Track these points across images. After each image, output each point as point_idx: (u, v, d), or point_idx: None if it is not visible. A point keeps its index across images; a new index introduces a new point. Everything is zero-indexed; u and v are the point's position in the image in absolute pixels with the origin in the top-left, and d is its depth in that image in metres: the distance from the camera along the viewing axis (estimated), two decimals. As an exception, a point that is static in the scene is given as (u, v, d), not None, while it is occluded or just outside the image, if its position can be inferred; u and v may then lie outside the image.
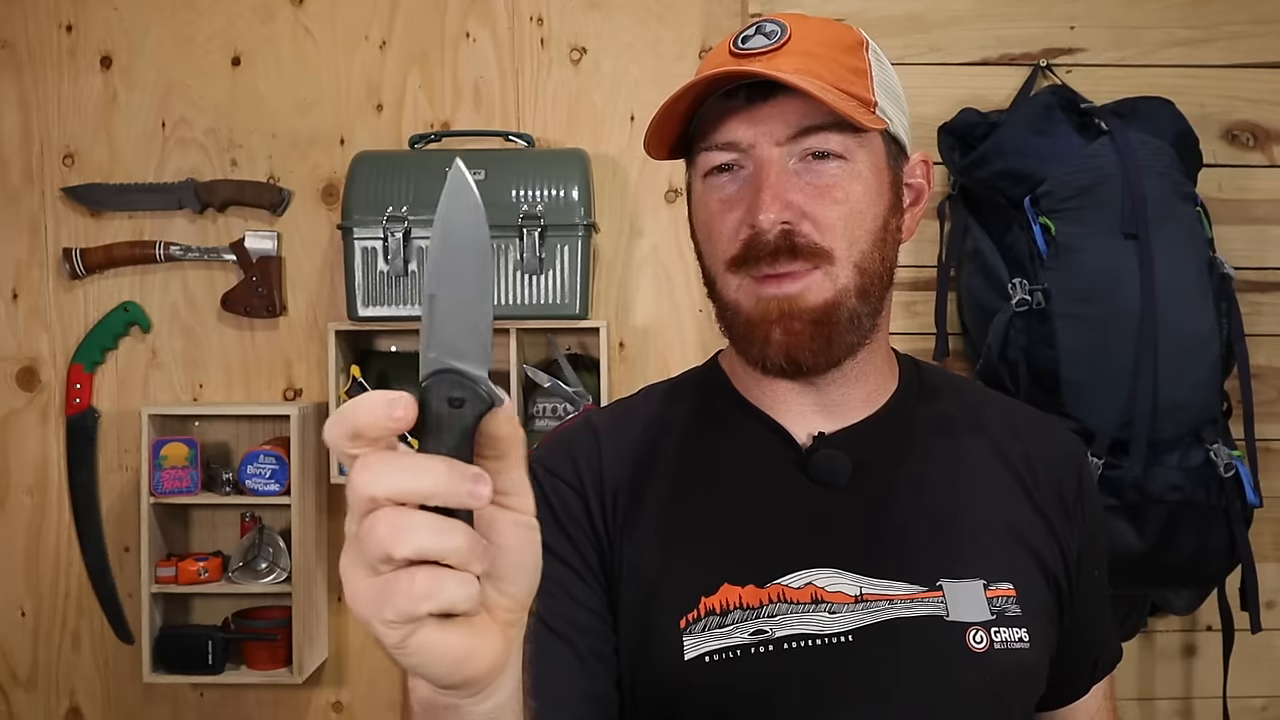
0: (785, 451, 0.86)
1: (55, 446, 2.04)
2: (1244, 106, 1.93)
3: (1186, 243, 1.66)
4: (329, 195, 2.02)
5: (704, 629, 0.79)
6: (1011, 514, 0.86)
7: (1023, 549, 0.85)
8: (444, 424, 0.46)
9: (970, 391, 0.95)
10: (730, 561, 0.81)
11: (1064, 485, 0.89)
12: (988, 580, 0.82)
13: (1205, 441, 1.66)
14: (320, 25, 2.02)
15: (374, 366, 2.00)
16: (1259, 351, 1.88)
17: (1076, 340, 1.64)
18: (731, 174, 0.82)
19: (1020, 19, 1.93)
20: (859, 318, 0.82)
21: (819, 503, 0.83)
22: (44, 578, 2.05)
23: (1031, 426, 0.92)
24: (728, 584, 0.80)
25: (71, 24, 2.02)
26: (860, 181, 0.80)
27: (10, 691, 2.05)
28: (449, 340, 0.47)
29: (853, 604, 0.80)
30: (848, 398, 0.86)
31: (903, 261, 1.63)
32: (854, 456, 0.85)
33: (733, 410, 0.89)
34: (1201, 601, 1.86)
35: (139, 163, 2.02)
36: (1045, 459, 0.89)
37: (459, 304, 0.47)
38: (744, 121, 0.80)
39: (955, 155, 1.83)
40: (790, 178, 0.79)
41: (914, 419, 0.89)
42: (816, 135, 0.79)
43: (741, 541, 0.83)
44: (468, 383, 0.46)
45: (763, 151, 0.79)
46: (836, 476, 0.84)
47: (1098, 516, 0.92)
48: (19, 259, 2.03)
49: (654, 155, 0.85)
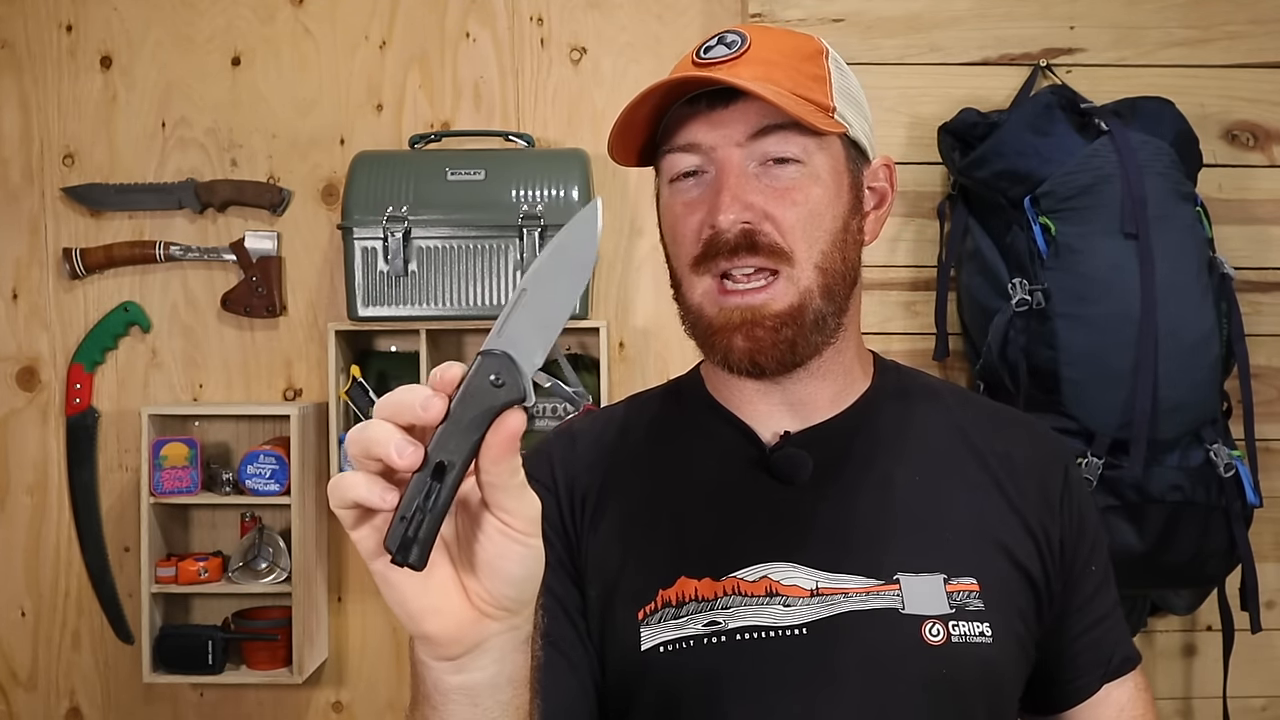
0: (750, 450, 0.88)
1: (55, 446, 2.04)
2: (1244, 106, 1.93)
3: (1186, 243, 1.66)
4: (329, 195, 2.02)
5: (660, 620, 0.82)
6: (983, 512, 0.86)
7: (991, 545, 0.85)
8: (478, 396, 0.51)
9: (951, 395, 0.96)
10: (688, 556, 0.84)
11: (1047, 483, 0.89)
12: (949, 575, 0.82)
13: (1205, 441, 1.66)
14: (320, 25, 2.02)
15: (374, 366, 2.00)
16: (1259, 351, 1.88)
17: (1076, 340, 1.64)
18: (695, 179, 0.84)
19: (1020, 19, 1.93)
20: (824, 318, 0.83)
21: (779, 499, 0.85)
22: (44, 578, 2.05)
23: (1014, 427, 0.93)
24: (684, 577, 0.82)
25: (71, 24, 2.02)
26: (819, 184, 0.83)
27: (10, 691, 2.05)
28: (518, 333, 0.53)
29: (808, 597, 0.81)
30: (814, 396, 0.88)
31: (903, 261, 1.63)
32: (818, 455, 0.86)
33: (702, 411, 0.91)
34: (1201, 601, 1.87)
35: (139, 163, 2.02)
36: (1027, 458, 0.89)
37: (541, 308, 0.53)
38: (705, 125, 0.82)
39: (955, 155, 1.83)
40: (750, 180, 0.82)
41: (883, 417, 0.90)
42: (776, 135, 0.81)
43: (700, 537, 0.85)
44: (515, 372, 0.52)
45: (723, 154, 0.82)
46: (798, 473, 0.85)
47: (1088, 513, 0.91)
48: (19, 259, 2.03)
49: (620, 161, 0.87)
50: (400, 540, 0.50)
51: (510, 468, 0.52)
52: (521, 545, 0.54)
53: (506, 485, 0.52)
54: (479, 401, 0.51)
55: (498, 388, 0.51)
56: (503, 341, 0.52)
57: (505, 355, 0.52)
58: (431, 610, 0.54)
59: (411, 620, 0.54)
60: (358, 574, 2.04)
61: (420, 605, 0.54)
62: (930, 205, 1.91)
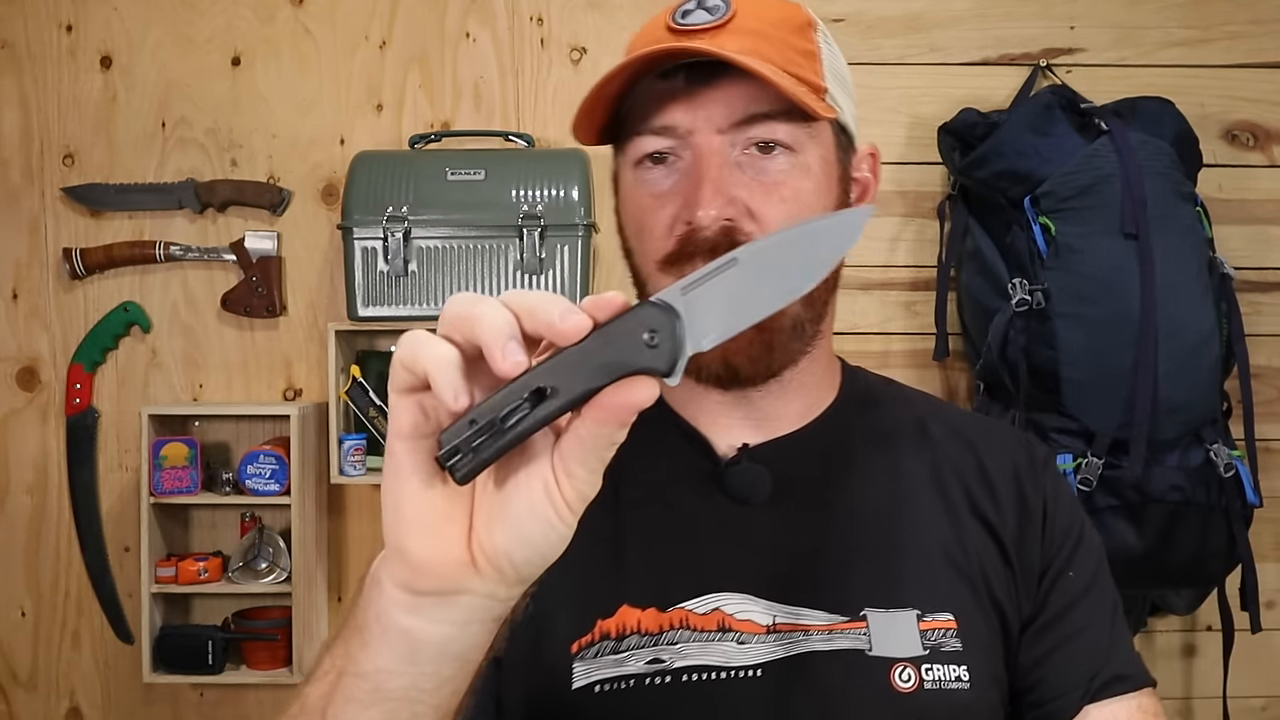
0: (703, 464, 0.78)
1: (55, 446, 2.04)
2: (1244, 106, 1.93)
3: (1186, 243, 1.66)
4: (329, 195, 2.02)
5: (596, 655, 0.72)
6: (958, 537, 0.77)
7: (969, 576, 0.76)
8: (621, 343, 0.43)
9: (921, 403, 0.87)
10: (631, 582, 0.74)
11: (1026, 493, 0.80)
12: (923, 610, 0.73)
13: (1205, 441, 1.66)
14: (320, 25, 2.02)
15: (374, 366, 2.00)
16: (1259, 351, 1.88)
17: (1076, 340, 1.64)
18: (666, 165, 0.74)
19: (1020, 19, 1.93)
20: (803, 325, 0.75)
21: (734, 521, 0.76)
22: (44, 578, 2.05)
23: (987, 437, 0.84)
24: (627, 606, 0.73)
25: (71, 24, 2.02)
26: (809, 177, 0.73)
27: (10, 691, 2.05)
28: (705, 302, 0.45)
29: (764, 634, 0.72)
30: (783, 410, 0.79)
31: (903, 262, 1.63)
32: (778, 471, 0.77)
33: (655, 420, 0.82)
34: (1201, 601, 1.87)
35: (139, 163, 2.02)
36: (1003, 470, 0.81)
37: (745, 288, 0.45)
38: (683, 105, 0.72)
39: (955, 155, 1.83)
40: (733, 170, 0.72)
41: (851, 431, 0.81)
42: (763, 124, 0.71)
43: (646, 561, 0.75)
44: (676, 342, 0.44)
45: (703, 139, 0.71)
46: (755, 492, 0.76)
47: (1070, 517, 0.82)
48: (19, 259, 2.03)
49: (582, 140, 0.77)
50: (457, 444, 0.43)
51: (610, 438, 0.45)
52: (557, 516, 0.46)
53: (591, 453, 0.45)
54: (620, 350, 0.43)
55: (650, 347, 0.43)
56: (683, 302, 0.44)
57: (675, 316, 0.44)
58: (424, 525, 0.46)
59: (398, 525, 0.47)
60: (358, 574, 2.04)
61: (417, 513, 0.46)
62: (930, 205, 1.91)
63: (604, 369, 0.43)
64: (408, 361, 0.45)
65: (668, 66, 0.72)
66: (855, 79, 0.82)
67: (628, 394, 0.43)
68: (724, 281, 0.45)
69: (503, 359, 0.42)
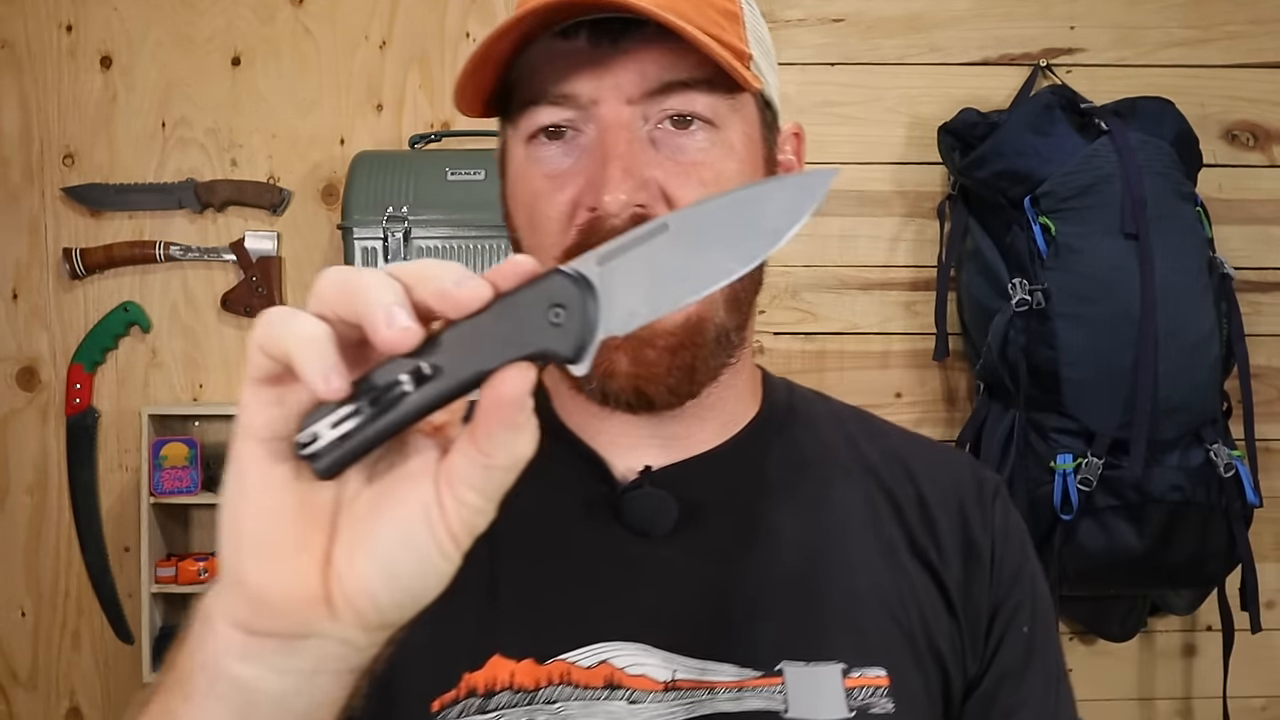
0: (596, 488, 0.67)
1: (55, 446, 2.04)
2: (1244, 106, 1.93)
3: (1186, 243, 1.66)
4: (329, 195, 2.02)
5: (460, 715, 0.60)
6: (894, 579, 0.66)
7: (905, 625, 0.65)
8: (520, 318, 0.36)
9: (854, 421, 0.76)
10: (505, 628, 0.62)
11: (973, 530, 0.70)
12: (850, 664, 0.63)
13: (1205, 441, 1.66)
14: (320, 25, 2.02)
15: (374, 366, 2.00)
16: (1259, 351, 1.88)
17: (1076, 340, 1.64)
18: (564, 141, 0.62)
19: (1020, 19, 1.93)
20: (727, 334, 0.64)
21: (631, 556, 0.64)
22: (44, 578, 2.05)
23: (929, 463, 0.73)
24: (499, 656, 0.61)
25: (71, 24, 2.02)
26: (733, 157, 0.63)
27: (10, 691, 2.05)
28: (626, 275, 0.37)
29: (661, 692, 0.61)
30: (696, 429, 0.68)
31: (902, 262, 1.63)
32: (685, 498, 0.65)
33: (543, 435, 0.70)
34: (1201, 601, 1.87)
35: (139, 163, 2.02)
36: (947, 502, 0.70)
37: (676, 261, 0.37)
38: (586, 69, 0.60)
39: (955, 155, 1.83)
40: (646, 148, 0.61)
41: (772, 453, 0.70)
42: (681, 94, 0.61)
43: (523, 603, 0.63)
44: (588, 322, 0.37)
45: (609, 111, 0.60)
46: (656, 522, 0.65)
47: (1025, 563, 0.71)
48: (19, 259, 2.03)
49: (465, 111, 0.65)
50: (320, 427, 0.36)
51: (509, 448, 0.37)
52: (437, 550, 0.38)
53: (484, 474, 0.37)
54: (518, 326, 0.36)
55: (553, 325, 0.36)
56: (599, 274, 0.37)
57: (588, 290, 0.37)
58: (269, 549, 0.37)
59: (236, 548, 0.38)
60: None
61: (261, 533, 0.37)
62: (930, 205, 1.91)
63: (498, 347, 0.36)
64: (266, 342, 0.37)
65: (568, 23, 0.60)
66: (855, 79, 0.75)
67: (498, 388, 0.36)
68: (650, 251, 0.37)
69: (387, 326, 0.35)
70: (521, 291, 0.37)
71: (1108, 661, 1.96)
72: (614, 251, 0.38)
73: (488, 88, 0.63)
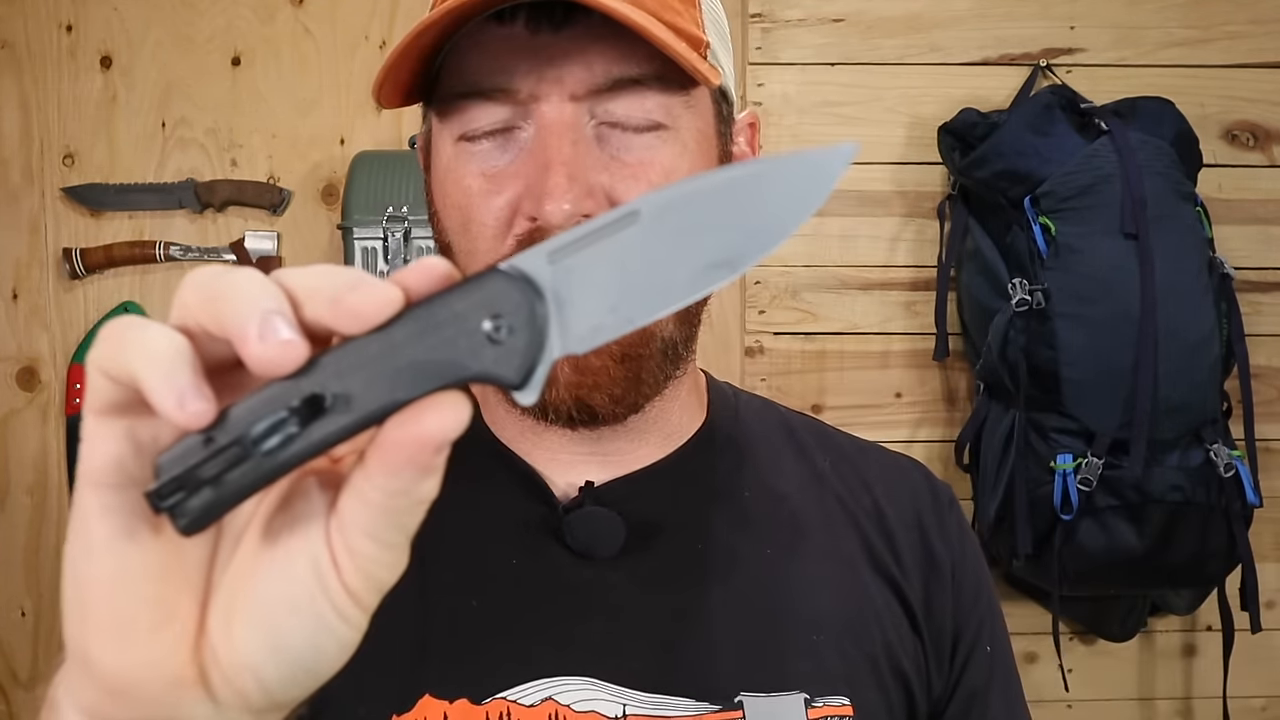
0: (536, 508, 0.62)
1: (55, 446, 2.04)
2: (1244, 106, 1.93)
3: (1186, 243, 1.66)
4: (329, 195, 2.02)
5: None
6: (853, 598, 0.63)
7: (869, 645, 0.62)
8: (451, 330, 0.28)
9: (803, 429, 0.71)
10: (435, 665, 0.57)
11: (933, 544, 0.67)
12: (812, 694, 0.59)
13: (1205, 441, 1.66)
14: (320, 25, 2.02)
15: (374, 366, 2.00)
16: (1259, 351, 1.88)
17: (1076, 340, 1.64)
18: (500, 138, 0.57)
19: (1020, 19, 1.93)
20: (674, 346, 0.60)
21: (575, 582, 0.60)
22: (44, 578, 2.05)
23: (885, 473, 0.70)
24: (430, 696, 0.56)
25: (71, 24, 2.02)
26: (685, 157, 0.58)
27: (10, 691, 2.05)
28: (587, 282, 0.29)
29: None
30: (638, 442, 0.63)
31: (903, 262, 1.62)
32: (632, 516, 0.61)
33: (471, 450, 0.60)
34: (1201, 601, 1.87)
35: (139, 163, 2.02)
36: (904, 515, 0.67)
37: (651, 261, 0.29)
38: (525, 60, 0.54)
39: (955, 155, 1.83)
40: (591, 149, 0.55)
41: (721, 466, 0.65)
42: (631, 93, 0.55)
43: (456, 636, 0.58)
44: (536, 334, 0.28)
45: (551, 110, 0.54)
46: (602, 543, 0.60)
47: (982, 577, 0.69)
48: (19, 259, 2.03)
49: (386, 104, 0.59)
50: (181, 473, 0.27)
51: (409, 492, 0.29)
52: (334, 613, 0.30)
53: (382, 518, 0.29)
54: (445, 343, 0.28)
55: (492, 341, 0.28)
56: (550, 274, 0.29)
57: (537, 296, 0.28)
58: (121, 621, 0.29)
59: (81, 620, 0.30)
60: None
61: (111, 602, 0.29)
62: (930, 205, 1.91)
63: (416, 373, 0.28)
64: (105, 361, 0.29)
65: (504, 5, 0.54)
66: (855, 79, 0.71)
67: (420, 422, 0.28)
68: (616, 247, 0.29)
69: (259, 339, 0.28)
70: (447, 297, 0.28)
71: (1108, 661, 1.96)
72: (569, 246, 0.29)
73: (410, 75, 0.57)
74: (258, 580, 0.30)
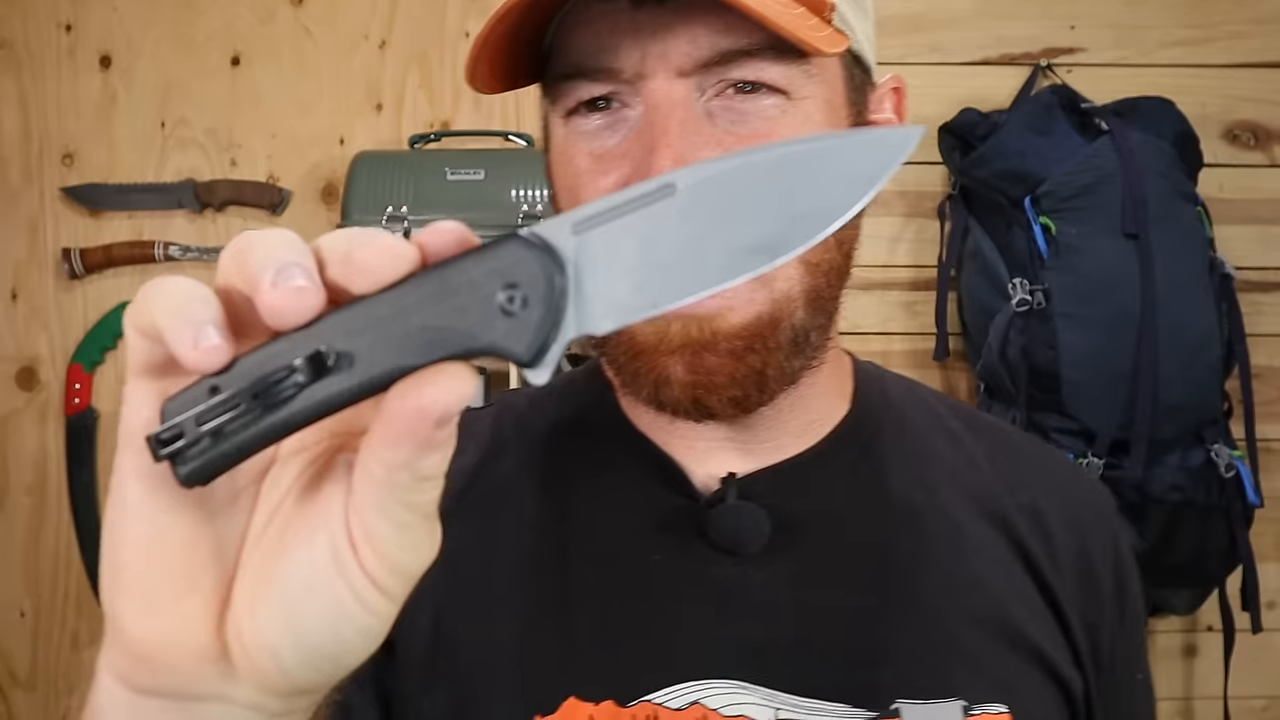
0: (676, 501, 0.59)
1: (55, 446, 2.03)
2: (1244, 106, 1.93)
3: (1187, 242, 1.66)
4: (329, 195, 2.02)
5: None
6: (1009, 599, 0.59)
7: (1023, 652, 0.58)
8: (464, 297, 0.26)
9: (955, 417, 0.67)
10: (581, 667, 0.55)
11: (1091, 553, 0.62)
12: (971, 701, 0.56)
13: (1206, 442, 1.66)
14: (320, 25, 2.02)
15: (374, 366, 2.00)
16: (1260, 351, 1.88)
17: (1077, 340, 1.64)
18: (608, 114, 0.54)
19: (1020, 19, 1.93)
20: (806, 335, 0.55)
21: (720, 579, 0.57)
22: (44, 578, 2.05)
23: (1042, 469, 0.66)
24: (575, 699, 0.54)
25: (71, 24, 2.02)
26: (809, 128, 0.54)
27: (10, 691, 2.05)
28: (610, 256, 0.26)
29: None
30: (778, 432, 0.60)
31: (903, 261, 1.61)
32: (778, 510, 0.58)
33: (609, 438, 0.61)
34: (1202, 601, 1.86)
35: (139, 163, 2.02)
36: (1064, 514, 0.63)
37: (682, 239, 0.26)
38: (629, 37, 0.51)
39: (955, 155, 1.83)
40: (702, 126, 0.52)
41: (869, 458, 0.62)
42: (743, 63, 0.52)
43: (601, 638, 0.56)
44: (552, 309, 0.26)
45: (659, 86, 0.52)
46: (748, 539, 0.57)
47: (1138, 596, 0.65)
48: (18, 259, 2.03)
49: (483, 89, 0.56)
50: (182, 423, 0.27)
51: (411, 468, 0.28)
52: (354, 598, 0.29)
53: (389, 495, 0.28)
54: (456, 310, 0.26)
55: (506, 313, 0.26)
56: (574, 245, 0.27)
57: (557, 266, 0.26)
58: (148, 587, 0.30)
59: (114, 584, 0.31)
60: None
61: (140, 566, 0.30)
62: (930, 205, 1.91)
63: (424, 339, 0.26)
64: (137, 317, 0.29)
65: None
66: None
67: (420, 393, 0.27)
68: (646, 221, 0.26)
69: (271, 286, 0.27)
70: (464, 262, 0.27)
71: (1108, 662, 1.96)
72: (596, 217, 0.27)
73: (514, 59, 0.55)
74: (281, 559, 0.30)
